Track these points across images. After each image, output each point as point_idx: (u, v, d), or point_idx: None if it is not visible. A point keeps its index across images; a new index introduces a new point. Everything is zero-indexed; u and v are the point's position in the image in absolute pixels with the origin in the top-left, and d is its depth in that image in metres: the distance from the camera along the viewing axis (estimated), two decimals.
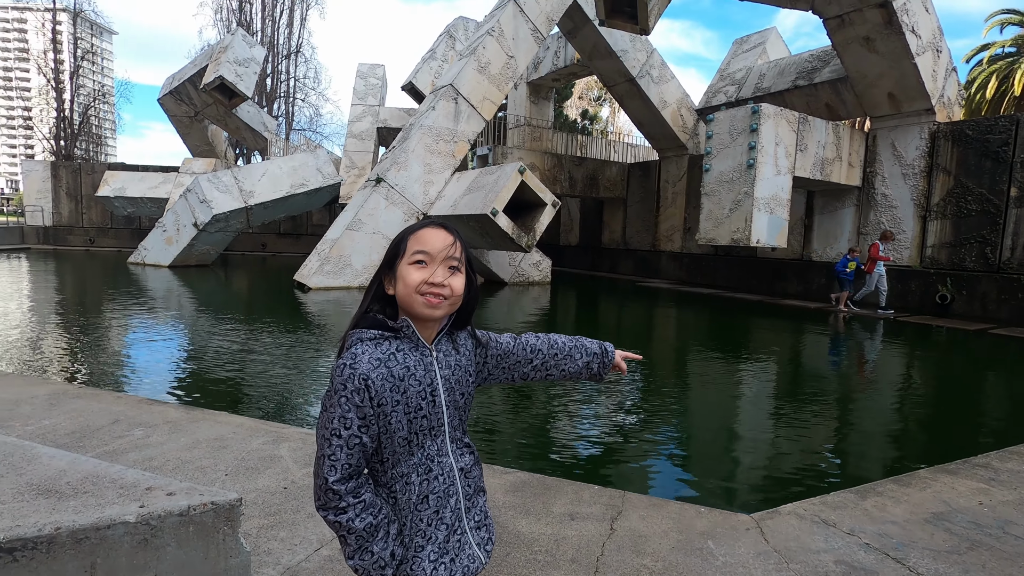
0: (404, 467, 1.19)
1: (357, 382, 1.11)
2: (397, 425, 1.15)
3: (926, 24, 12.18)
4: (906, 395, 6.26)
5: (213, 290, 14.04)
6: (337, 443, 1.11)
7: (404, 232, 1.21)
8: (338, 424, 1.11)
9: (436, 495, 1.20)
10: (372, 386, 1.11)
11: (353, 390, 1.11)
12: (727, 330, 10.60)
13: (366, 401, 1.11)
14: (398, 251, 1.19)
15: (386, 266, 1.21)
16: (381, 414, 1.13)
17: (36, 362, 6.03)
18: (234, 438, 3.55)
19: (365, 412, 1.12)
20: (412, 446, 1.18)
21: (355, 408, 1.11)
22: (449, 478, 1.23)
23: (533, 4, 14.29)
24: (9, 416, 3.79)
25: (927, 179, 12.78)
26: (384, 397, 1.13)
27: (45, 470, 1.95)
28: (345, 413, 1.11)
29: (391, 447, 1.17)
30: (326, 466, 1.11)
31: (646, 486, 3.58)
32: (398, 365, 1.15)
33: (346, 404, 1.11)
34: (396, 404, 1.14)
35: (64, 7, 35.57)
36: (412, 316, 1.19)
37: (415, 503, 1.18)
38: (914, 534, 2.70)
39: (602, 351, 1.52)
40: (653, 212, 19.75)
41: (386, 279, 1.22)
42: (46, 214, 26.16)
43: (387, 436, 1.16)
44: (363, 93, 24.37)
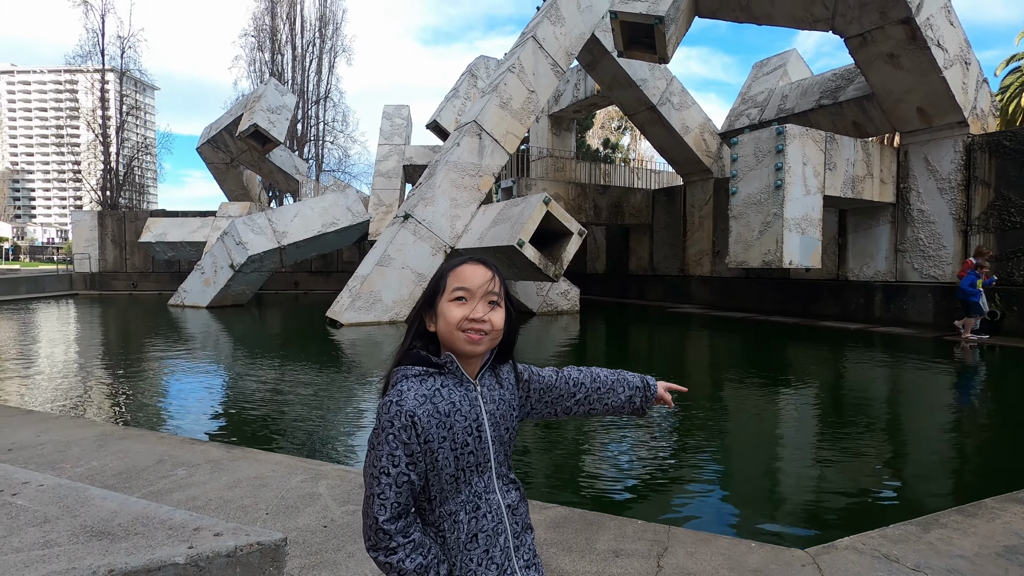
0: (452, 505, 1.17)
1: (404, 419, 1.11)
2: (444, 462, 1.14)
3: (952, 37, 12.02)
4: (963, 418, 5.95)
5: (249, 329, 14.39)
6: (386, 481, 1.10)
7: (443, 268, 1.23)
8: (386, 462, 1.10)
9: (485, 533, 1.19)
10: (419, 423, 1.11)
11: (400, 427, 1.11)
12: (766, 355, 10.32)
13: (413, 438, 1.11)
14: (438, 288, 1.20)
15: (426, 303, 1.22)
16: (428, 451, 1.13)
17: (84, 404, 6.24)
18: (273, 476, 3.57)
19: (412, 449, 1.11)
20: (459, 483, 1.17)
21: (403, 445, 1.10)
22: (497, 515, 1.21)
23: (552, 40, 14.66)
24: (60, 458, 3.90)
25: (965, 192, 12.41)
26: (431, 434, 1.12)
27: (98, 511, 1.99)
28: (393, 451, 1.10)
29: (439, 484, 1.16)
30: (376, 505, 1.10)
31: (692, 520, 3.45)
32: (444, 401, 1.15)
33: (394, 442, 1.10)
34: (443, 440, 1.14)
35: (112, 68, 38.02)
36: (455, 352, 1.19)
37: (464, 542, 1.17)
38: (986, 569, 2.53)
39: (644, 384, 1.50)
40: (680, 237, 19.60)
41: (427, 316, 1.22)
42: (93, 261, 27.41)
43: (434, 473, 1.15)
44: (389, 133, 25.14)
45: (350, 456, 4.61)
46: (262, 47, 42.19)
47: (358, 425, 5.59)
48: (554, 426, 5.53)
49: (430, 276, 14.58)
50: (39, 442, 4.22)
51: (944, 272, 12.56)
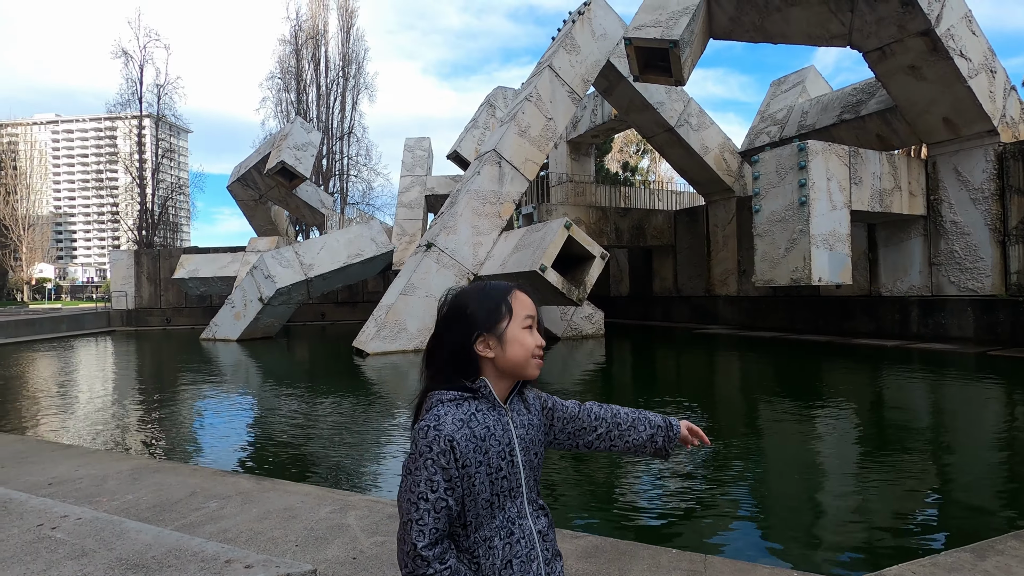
0: (487, 531, 1.16)
1: (443, 444, 1.10)
2: (480, 487, 1.14)
3: (975, 46, 11.85)
4: (1014, 438, 5.66)
5: (278, 361, 14.61)
6: (424, 507, 1.09)
7: (502, 295, 1.22)
8: (425, 487, 1.09)
9: (519, 559, 1.17)
10: (457, 447, 1.10)
11: (439, 452, 1.10)
12: (801, 375, 10.03)
13: (451, 463, 1.10)
14: (501, 313, 1.19)
15: (485, 328, 1.19)
16: (466, 475, 1.12)
17: (120, 438, 6.37)
18: (302, 507, 3.58)
19: (451, 474, 1.10)
20: (494, 508, 1.17)
21: (441, 470, 1.09)
22: (530, 541, 1.20)
23: (568, 68, 14.91)
24: (97, 491, 3.98)
25: (999, 202, 12.05)
26: (468, 458, 1.12)
27: (133, 544, 2.02)
28: (431, 476, 1.09)
29: (475, 510, 1.15)
30: (414, 531, 1.09)
31: (729, 548, 3.33)
32: (480, 425, 1.15)
33: (432, 466, 1.09)
34: (479, 465, 1.13)
35: (148, 114, 39.95)
36: (518, 377, 1.22)
37: (499, 568, 1.15)
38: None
39: (666, 424, 1.49)
40: (704, 257, 19.39)
41: (483, 341, 1.20)
42: (129, 298, 28.35)
43: (471, 498, 1.14)
44: (411, 165, 25.70)
45: (378, 486, 4.59)
46: (288, 88, 43.88)
47: (385, 455, 5.58)
48: (587, 455, 5.44)
49: None
50: (77, 476, 4.32)
51: (984, 284, 12.12)
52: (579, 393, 8.69)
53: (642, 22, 12.50)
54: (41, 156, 69.55)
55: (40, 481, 4.19)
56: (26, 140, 66.93)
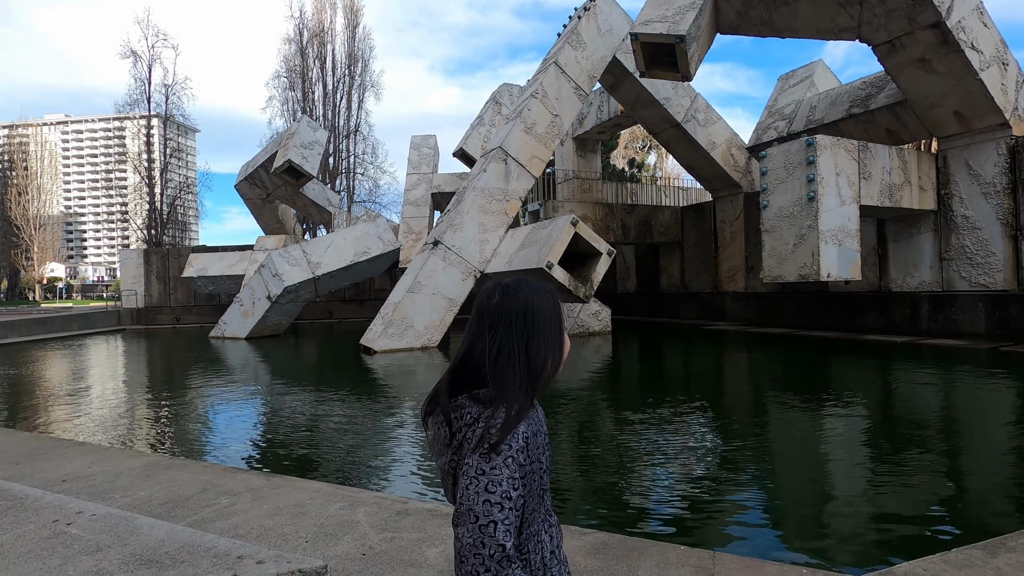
0: (536, 526, 1.19)
1: (520, 441, 1.11)
2: (537, 482, 1.16)
3: (987, 38, 11.70)
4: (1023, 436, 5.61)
5: (286, 359, 14.70)
6: (508, 506, 1.07)
7: (557, 302, 1.25)
8: (507, 486, 1.07)
9: (555, 550, 1.23)
10: (530, 444, 1.13)
11: (518, 449, 1.10)
12: (810, 372, 9.98)
13: (526, 460, 1.12)
14: (560, 322, 1.25)
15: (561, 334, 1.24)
16: (530, 471, 1.13)
17: (132, 435, 6.44)
18: (312, 504, 3.61)
19: (525, 471, 1.11)
20: (540, 502, 1.20)
21: (519, 468, 1.10)
22: (555, 532, 1.26)
23: (574, 64, 14.86)
24: (110, 488, 4.03)
25: (1012, 196, 11.91)
26: (533, 454, 1.14)
27: (146, 540, 2.05)
28: (513, 475, 1.08)
29: (531, 505, 1.16)
30: (500, 532, 1.05)
31: (738, 545, 3.32)
32: (535, 422, 1.18)
33: (512, 464, 1.09)
34: (536, 461, 1.15)
35: (156, 114, 40.20)
36: (550, 378, 1.24)
37: (547, 560, 1.19)
38: None
39: None
40: (712, 253, 19.30)
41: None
42: (139, 297, 28.60)
43: (529, 495, 1.14)
44: (417, 163, 25.72)
45: (386, 483, 4.62)
46: (294, 86, 43.99)
47: (393, 452, 5.61)
48: (594, 449, 5.44)
49: (461, 301, 14.64)
50: (90, 473, 4.37)
51: (995, 280, 12.00)
52: (587, 391, 8.69)
53: (648, 17, 12.43)
54: (51, 156, 70.20)
55: (54, 478, 4.25)
56: (37, 141, 67.56)
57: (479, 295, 1.27)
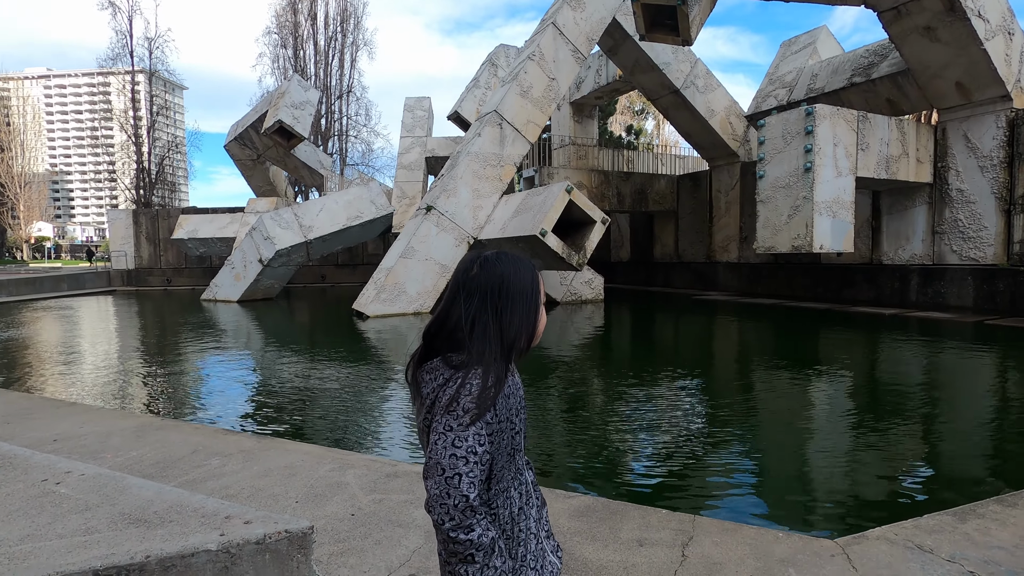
0: (505, 482, 1.24)
1: (488, 402, 1.15)
2: (506, 441, 1.21)
3: (994, 6, 11.45)
4: (1002, 407, 5.74)
5: (278, 322, 14.71)
6: (474, 460, 1.12)
7: (533, 273, 1.26)
8: (473, 441, 1.12)
9: (527, 507, 1.28)
10: (498, 405, 1.17)
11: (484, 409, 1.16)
12: (798, 342, 10.11)
13: (494, 419, 1.16)
14: (540, 291, 1.27)
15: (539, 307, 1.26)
16: (499, 430, 1.18)
17: (123, 396, 6.47)
18: (303, 466, 3.66)
19: (492, 429, 1.16)
20: (511, 462, 1.24)
21: (487, 425, 1.15)
22: (528, 490, 1.31)
23: (572, 26, 14.45)
24: (101, 448, 4.06)
25: (1008, 170, 11.88)
26: (502, 413, 1.18)
27: (135, 500, 2.07)
28: (479, 431, 1.13)
29: (500, 463, 1.21)
30: (464, 484, 1.10)
31: (717, 509, 3.42)
32: (510, 384, 1.21)
33: (479, 422, 1.14)
34: (507, 420, 1.20)
35: (141, 69, 38.96)
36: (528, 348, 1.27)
37: (515, 515, 1.25)
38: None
39: None
40: (706, 223, 19.26)
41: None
42: (129, 258, 28.32)
43: (499, 452, 1.20)
44: (411, 125, 25.22)
45: (376, 446, 4.68)
46: (285, 44, 42.67)
47: (384, 415, 5.68)
48: (581, 414, 5.53)
49: (453, 267, 14.63)
50: (81, 433, 4.40)
51: (986, 254, 12.08)
52: (577, 358, 8.77)
53: None
54: (34, 112, 68.30)
55: (45, 437, 4.28)
56: (18, 95, 65.59)
57: (458, 265, 1.28)
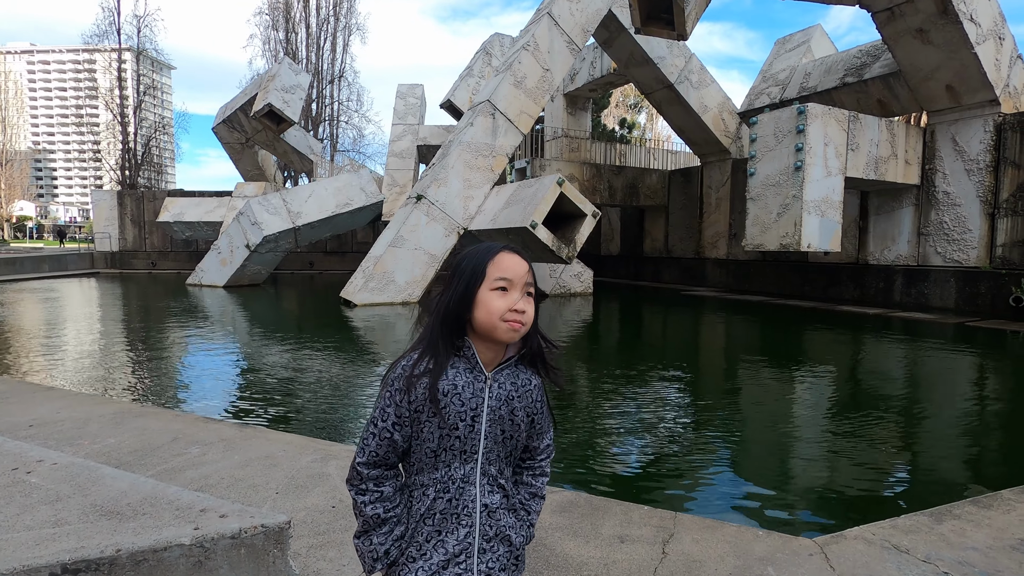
0: (425, 478, 1.22)
1: (403, 383, 1.18)
2: (428, 436, 1.19)
3: (986, 11, 11.52)
4: (981, 408, 5.83)
5: (265, 309, 14.57)
6: (372, 431, 1.19)
7: (481, 256, 1.20)
8: (378, 414, 1.19)
9: (444, 517, 1.19)
10: (414, 391, 1.17)
11: (397, 389, 1.18)
12: (782, 340, 10.20)
13: (405, 402, 1.18)
14: (477, 276, 1.18)
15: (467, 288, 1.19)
16: (416, 420, 1.18)
17: (103, 381, 6.38)
18: (284, 456, 3.62)
19: (402, 412, 1.18)
20: (438, 461, 1.20)
21: (395, 406, 1.18)
22: (468, 508, 1.20)
23: (568, 16, 14.34)
24: (78, 434, 3.99)
25: (994, 174, 12.01)
26: (423, 405, 1.17)
27: (108, 491, 2.03)
28: (385, 407, 1.19)
29: (419, 454, 1.21)
30: (358, 448, 1.21)
31: (699, 506, 3.44)
32: (447, 381, 1.18)
33: (388, 400, 1.19)
34: (432, 416, 1.17)
35: (128, 47, 38.11)
36: (492, 341, 1.20)
37: (423, 515, 1.21)
38: (999, 562, 2.48)
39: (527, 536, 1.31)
40: (696, 219, 19.33)
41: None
42: (113, 240, 27.86)
43: (417, 443, 1.21)
44: (403, 113, 24.96)
45: (359, 436, 4.66)
46: (276, 26, 41.93)
47: (368, 406, 5.64)
48: (566, 409, 5.54)
49: (443, 257, 14.53)
50: (59, 418, 4.32)
51: (969, 256, 12.24)
52: (565, 351, 8.78)
53: None
54: (16, 88, 66.68)
55: (21, 422, 4.20)
56: (0, 70, 63.93)
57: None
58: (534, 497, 1.33)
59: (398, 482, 1.24)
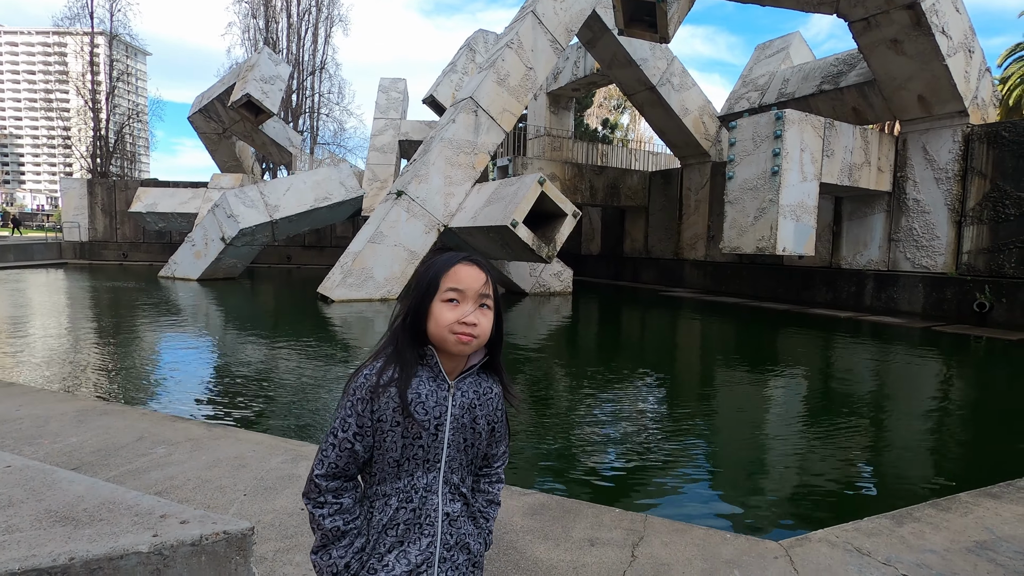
0: (387, 488, 1.20)
1: (365, 392, 1.16)
2: (391, 445, 1.17)
3: (957, 24, 11.84)
4: (943, 411, 6.01)
5: (239, 303, 14.30)
6: (331, 442, 1.17)
7: (438, 267, 1.19)
8: (338, 425, 1.17)
9: (408, 527, 1.18)
10: (377, 400, 1.15)
11: (359, 399, 1.16)
12: (755, 342, 10.36)
13: (367, 412, 1.16)
14: (430, 287, 1.18)
15: (422, 300, 1.19)
16: (379, 429, 1.16)
17: (66, 377, 6.19)
18: (253, 456, 3.56)
19: (364, 422, 1.16)
20: (400, 470, 1.19)
21: (356, 416, 1.16)
22: (430, 518, 1.19)
23: (552, 15, 14.33)
24: (38, 433, 3.87)
25: (961, 183, 12.37)
26: (386, 415, 1.15)
27: (63, 496, 1.96)
28: (347, 417, 1.16)
29: (381, 464, 1.19)
30: (317, 459, 1.18)
31: (669, 509, 3.47)
32: (411, 390, 1.16)
33: (350, 409, 1.16)
34: (396, 425, 1.16)
35: (101, 31, 37.02)
36: (442, 351, 1.20)
37: (385, 526, 1.19)
38: (955, 564, 2.55)
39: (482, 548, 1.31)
40: (676, 220, 19.53)
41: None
42: (82, 230, 27.08)
43: (380, 452, 1.18)
44: (385, 107, 24.73)
45: None
46: (256, 14, 41.14)
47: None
48: (538, 411, 5.55)
49: (423, 254, 14.42)
50: (17, 416, 4.18)
51: (936, 262, 12.59)
52: (539, 350, 8.80)
53: None
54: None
55: None
56: None
57: None
58: (491, 504, 1.33)
59: (357, 493, 1.22)
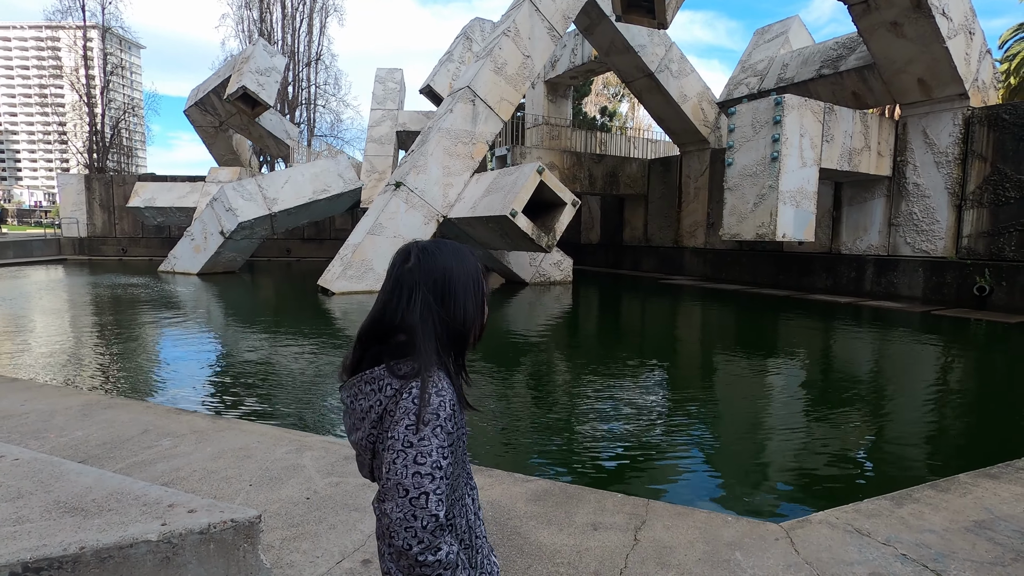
0: (461, 490, 1.20)
1: (449, 409, 1.08)
2: (462, 448, 1.17)
3: (957, 6, 11.74)
4: (943, 394, 6.04)
5: (240, 297, 14.32)
6: (439, 475, 1.04)
7: (477, 271, 1.19)
8: (437, 456, 1.04)
9: (478, 511, 1.25)
10: (456, 412, 1.10)
11: (446, 417, 1.07)
12: (756, 328, 10.39)
13: (454, 428, 1.09)
14: (480, 285, 1.19)
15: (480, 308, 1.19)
16: (458, 438, 1.12)
17: (71, 372, 6.22)
18: (258, 447, 3.59)
19: (453, 439, 1.09)
20: (463, 467, 1.21)
21: (448, 436, 1.07)
22: (477, 495, 1.28)
23: (549, 2, 14.20)
24: (44, 427, 3.90)
25: (961, 167, 12.33)
26: (460, 421, 1.12)
27: (72, 487, 1.99)
28: (443, 444, 1.05)
29: (457, 471, 1.16)
30: (432, 503, 1.02)
31: (671, 494, 3.51)
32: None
33: (442, 433, 1.06)
34: (463, 427, 1.15)
35: (94, 24, 36.67)
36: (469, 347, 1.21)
37: (472, 522, 1.21)
38: (954, 544, 2.58)
39: None
40: (675, 208, 19.49)
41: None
42: (81, 225, 27.01)
43: (456, 462, 1.14)
44: (382, 98, 24.57)
45: (335, 428, 4.63)
46: (250, 5, 40.72)
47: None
48: (540, 398, 5.58)
49: None
50: (24, 411, 4.21)
51: (936, 247, 12.58)
52: (540, 339, 8.83)
53: None
54: None
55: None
56: None
57: (393, 257, 1.19)
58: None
59: None
